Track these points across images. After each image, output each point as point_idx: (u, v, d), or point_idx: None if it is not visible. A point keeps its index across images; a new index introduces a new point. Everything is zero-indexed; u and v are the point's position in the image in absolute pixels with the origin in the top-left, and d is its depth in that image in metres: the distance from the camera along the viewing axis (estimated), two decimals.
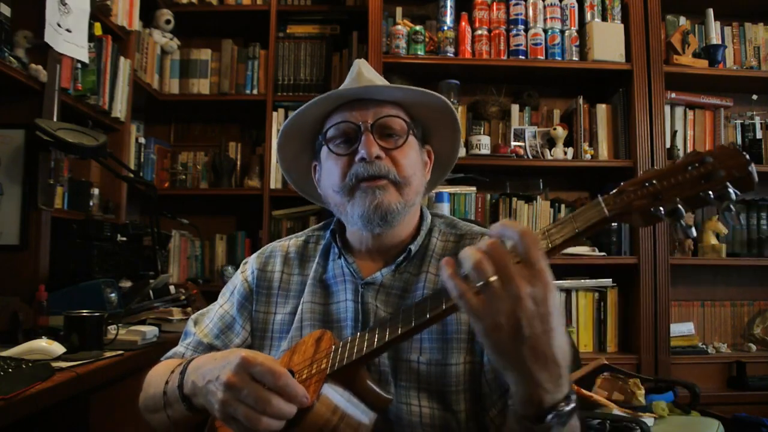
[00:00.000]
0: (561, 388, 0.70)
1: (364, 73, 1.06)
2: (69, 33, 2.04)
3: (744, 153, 0.65)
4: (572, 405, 0.71)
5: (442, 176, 1.20)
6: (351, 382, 0.82)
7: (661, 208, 0.66)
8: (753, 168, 0.64)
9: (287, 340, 1.04)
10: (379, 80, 1.08)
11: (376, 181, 0.98)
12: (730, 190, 0.63)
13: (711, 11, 3.02)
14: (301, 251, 1.13)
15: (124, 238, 2.24)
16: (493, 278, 0.65)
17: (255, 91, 3.11)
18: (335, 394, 0.81)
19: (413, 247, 1.04)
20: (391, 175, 0.99)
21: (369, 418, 0.82)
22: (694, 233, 0.70)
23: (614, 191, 0.70)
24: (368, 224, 0.99)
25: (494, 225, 0.70)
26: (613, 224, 3.02)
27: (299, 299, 1.08)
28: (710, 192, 0.64)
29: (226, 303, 1.13)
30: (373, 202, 0.97)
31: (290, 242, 1.16)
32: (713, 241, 2.90)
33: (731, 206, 0.65)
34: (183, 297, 2.22)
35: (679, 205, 0.65)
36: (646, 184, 0.68)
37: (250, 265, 1.14)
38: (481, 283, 0.66)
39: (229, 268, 3.02)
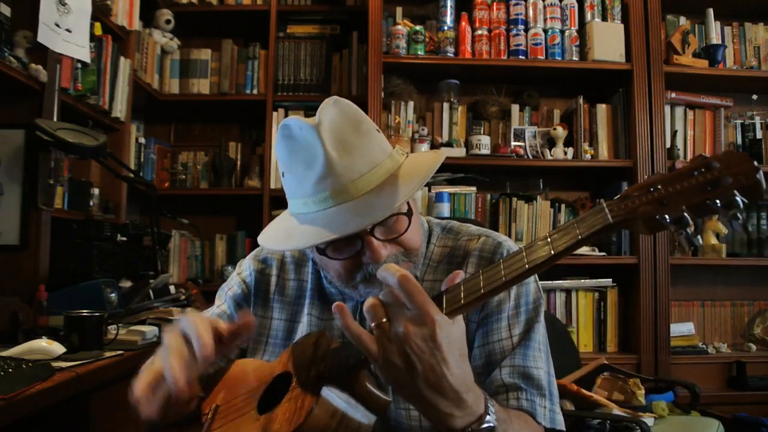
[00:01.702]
0: (468, 411, 0.74)
1: (335, 160, 0.88)
2: (69, 33, 2.04)
3: (752, 160, 0.62)
4: (487, 425, 0.75)
5: None
6: (350, 384, 0.82)
7: (666, 216, 0.64)
8: (761, 175, 0.61)
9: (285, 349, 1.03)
10: (346, 145, 0.89)
11: None
12: (738, 198, 0.61)
13: (711, 11, 3.02)
14: (296, 255, 1.11)
15: (124, 238, 2.24)
16: (384, 320, 0.71)
17: (255, 91, 3.11)
18: (334, 397, 0.80)
19: (413, 269, 0.99)
20: (400, 259, 0.94)
21: (368, 420, 0.82)
22: (700, 241, 0.68)
23: (618, 196, 0.69)
24: None
25: (380, 269, 0.74)
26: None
27: (296, 306, 1.07)
28: (717, 200, 0.62)
29: (222, 304, 1.11)
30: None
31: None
32: (713, 241, 2.90)
33: (738, 215, 0.63)
34: (183, 297, 2.22)
35: (685, 214, 0.63)
36: (651, 190, 0.66)
37: (248, 266, 1.12)
38: (373, 324, 0.72)
39: (229, 268, 3.02)
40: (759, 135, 3.06)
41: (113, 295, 1.90)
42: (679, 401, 2.38)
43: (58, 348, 1.44)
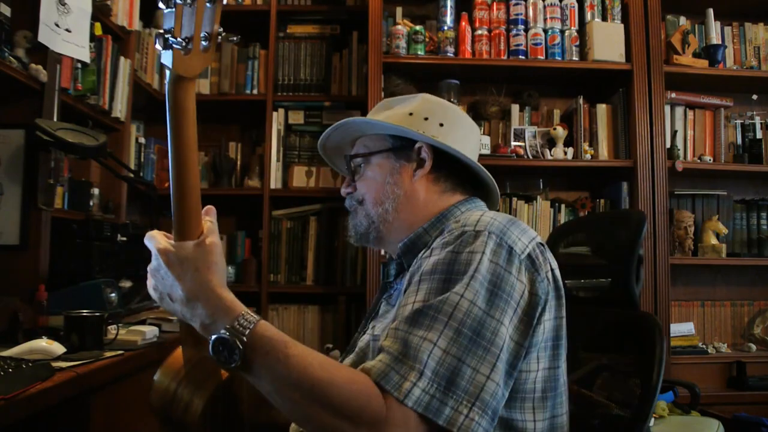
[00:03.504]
0: (200, 318, 0.82)
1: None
2: (68, 33, 2.04)
3: None
4: (216, 335, 0.79)
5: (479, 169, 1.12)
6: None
7: None
8: None
9: None
10: (377, 109, 1.20)
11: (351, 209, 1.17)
12: None
13: (711, 11, 3.02)
14: None
15: (124, 238, 2.24)
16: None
17: (255, 91, 3.11)
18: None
19: (400, 245, 1.11)
20: (352, 203, 1.16)
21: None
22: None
23: None
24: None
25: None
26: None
27: None
28: None
29: None
30: (350, 225, 1.17)
31: None
32: (713, 241, 2.90)
33: None
34: None
35: None
36: None
37: None
38: None
39: (229, 268, 3.02)
40: (759, 135, 3.06)
41: (113, 295, 1.90)
42: (679, 401, 2.38)
43: (58, 348, 1.44)
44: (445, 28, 2.88)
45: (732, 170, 2.99)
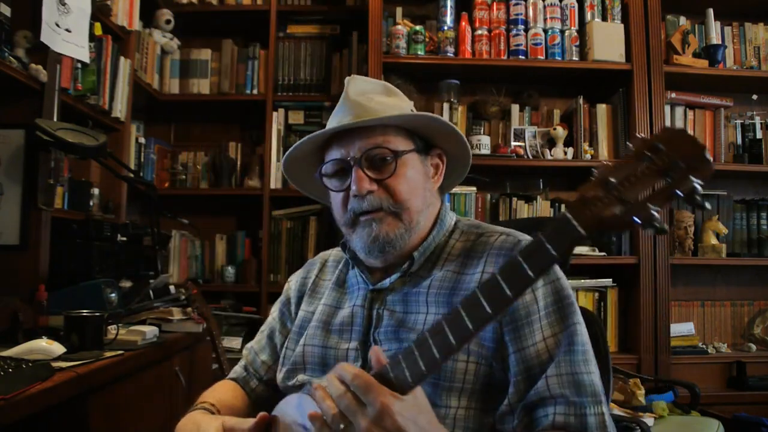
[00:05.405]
0: None
1: (350, 95, 1.01)
2: (68, 33, 2.04)
3: (695, 138, 0.62)
4: None
5: (464, 171, 1.15)
6: None
7: (635, 218, 0.63)
8: (708, 154, 0.61)
9: (303, 337, 1.10)
10: (368, 97, 1.02)
11: (373, 214, 0.99)
12: (696, 183, 0.60)
13: (711, 11, 3.02)
14: (338, 259, 1.18)
15: (124, 238, 2.24)
16: (342, 426, 0.75)
17: (255, 91, 3.11)
18: None
19: (416, 255, 1.02)
20: (385, 205, 0.99)
21: None
22: (666, 228, 0.68)
23: (577, 199, 0.66)
24: (369, 255, 1.03)
25: (336, 368, 0.78)
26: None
27: (320, 298, 1.14)
28: (678, 191, 0.61)
29: (275, 311, 1.22)
30: (371, 235, 0.99)
31: (333, 251, 1.22)
32: (713, 241, 2.90)
33: (696, 196, 0.61)
34: (183, 297, 2.22)
35: (653, 212, 0.62)
36: (608, 187, 0.64)
37: (294, 277, 1.22)
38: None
39: (229, 268, 3.02)
40: (759, 135, 3.06)
41: (113, 295, 1.90)
42: (679, 401, 2.38)
43: (58, 348, 1.44)
44: (445, 28, 2.88)
45: (732, 170, 2.99)
